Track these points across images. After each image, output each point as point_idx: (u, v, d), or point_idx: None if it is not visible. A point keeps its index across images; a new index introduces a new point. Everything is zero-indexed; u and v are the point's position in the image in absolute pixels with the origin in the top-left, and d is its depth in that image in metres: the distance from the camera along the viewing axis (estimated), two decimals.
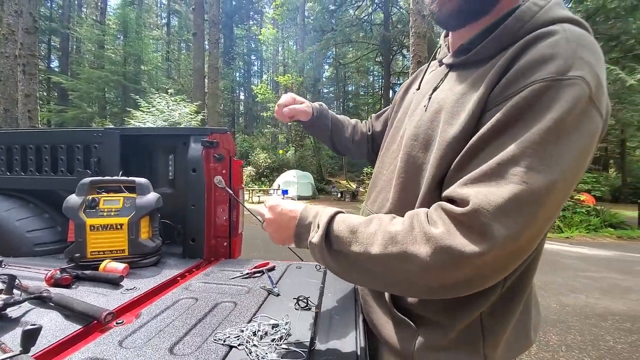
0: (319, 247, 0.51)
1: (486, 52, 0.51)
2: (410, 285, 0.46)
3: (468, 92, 0.50)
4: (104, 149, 1.30)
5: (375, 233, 0.47)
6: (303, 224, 0.56)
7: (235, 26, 33.77)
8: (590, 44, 0.44)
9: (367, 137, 1.03)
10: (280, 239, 0.60)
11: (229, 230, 1.33)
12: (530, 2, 0.48)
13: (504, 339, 0.53)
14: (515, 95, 0.42)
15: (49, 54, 23.37)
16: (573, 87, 0.39)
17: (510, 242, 0.38)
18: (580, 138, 0.40)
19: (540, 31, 0.44)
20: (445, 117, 0.52)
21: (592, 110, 0.41)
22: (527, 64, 0.42)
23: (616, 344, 2.60)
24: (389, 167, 0.67)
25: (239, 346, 0.59)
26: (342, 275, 0.53)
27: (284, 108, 0.91)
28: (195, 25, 15.48)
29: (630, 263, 5.36)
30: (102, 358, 0.55)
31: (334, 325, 0.69)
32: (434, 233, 0.42)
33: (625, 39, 8.86)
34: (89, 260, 1.03)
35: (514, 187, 0.38)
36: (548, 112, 0.39)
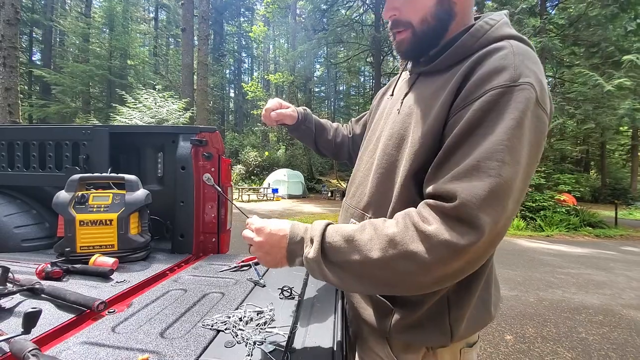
0: (316, 261, 0.51)
1: (447, 62, 0.59)
2: (411, 284, 0.48)
3: (434, 96, 0.58)
4: (93, 146, 1.32)
5: (372, 238, 0.49)
6: (294, 241, 0.55)
7: (226, 22, 33.38)
8: (533, 56, 0.52)
9: (348, 140, 1.11)
10: (272, 260, 0.58)
11: (217, 226, 1.37)
12: (482, 22, 0.57)
13: (467, 313, 0.60)
14: (477, 99, 0.49)
15: (31, 46, 22.57)
16: (524, 91, 0.47)
17: (494, 228, 0.44)
18: (533, 133, 0.48)
19: (492, 46, 0.53)
20: (416, 119, 0.59)
21: (539, 110, 0.49)
22: (485, 74, 0.50)
23: (588, 336, 2.75)
24: (366, 165, 0.73)
25: (226, 330, 0.63)
26: (343, 285, 0.52)
27: (271, 112, 0.98)
28: (185, 20, 15.25)
29: (605, 260, 5.62)
30: (96, 342, 0.59)
31: (315, 311, 0.74)
32: (429, 230, 0.45)
33: (605, 45, 9.21)
34: (79, 254, 1.06)
35: (493, 180, 0.44)
36: (508, 113, 0.46)
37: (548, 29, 9.78)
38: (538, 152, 0.50)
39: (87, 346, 0.58)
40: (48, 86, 19.86)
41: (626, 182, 19.14)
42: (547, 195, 9.21)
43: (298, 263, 0.55)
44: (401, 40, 0.64)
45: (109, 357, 0.55)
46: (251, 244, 0.59)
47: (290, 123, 1.02)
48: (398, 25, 0.63)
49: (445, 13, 0.60)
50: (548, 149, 11.86)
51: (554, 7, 11.14)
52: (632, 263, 5.49)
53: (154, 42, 29.42)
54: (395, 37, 0.65)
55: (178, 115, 11.74)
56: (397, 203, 0.59)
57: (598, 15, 8.59)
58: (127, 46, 22.54)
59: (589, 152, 21.68)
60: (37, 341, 0.59)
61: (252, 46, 35.16)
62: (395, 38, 0.65)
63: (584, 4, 8.84)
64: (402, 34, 0.63)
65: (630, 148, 19.59)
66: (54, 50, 22.82)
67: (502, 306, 3.31)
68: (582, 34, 9.61)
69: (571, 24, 9.60)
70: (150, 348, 0.58)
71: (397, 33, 0.64)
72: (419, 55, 0.66)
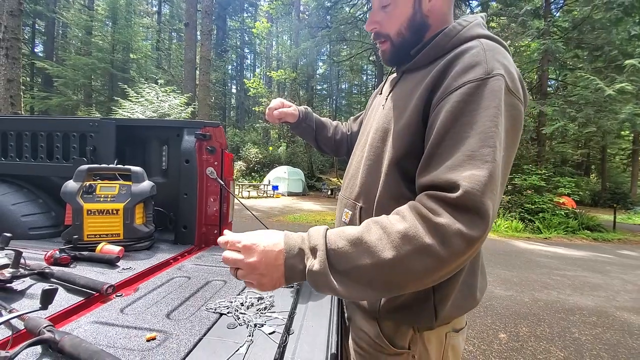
0: (323, 274, 0.46)
1: (424, 60, 0.65)
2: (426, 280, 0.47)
3: (412, 92, 0.62)
4: (100, 138, 1.35)
5: (381, 238, 0.47)
6: (292, 254, 0.49)
7: (229, 18, 33.29)
8: (502, 51, 0.57)
9: (347, 137, 1.15)
10: (269, 282, 0.50)
11: (219, 218, 1.40)
12: (455, 23, 0.63)
13: (452, 296, 0.63)
14: (455, 91, 0.53)
15: (33, 37, 22.53)
16: (497, 81, 0.51)
17: (494, 213, 0.46)
18: (508, 120, 0.52)
19: (465, 45, 0.58)
20: (397, 113, 0.64)
21: (512, 98, 0.53)
22: (461, 69, 0.54)
23: (581, 336, 2.79)
24: (357, 159, 0.78)
25: (228, 314, 0.67)
26: (351, 294, 0.48)
27: (274, 111, 1.03)
28: (188, 15, 15.22)
29: (601, 263, 5.67)
30: (106, 322, 0.63)
31: (312, 297, 0.78)
32: (441, 222, 0.44)
33: (608, 49, 9.21)
34: (86, 242, 1.09)
35: (490, 165, 0.46)
36: (488, 101, 0.50)
37: (552, 31, 9.77)
38: (515, 137, 0.54)
39: (97, 325, 0.62)
40: (50, 78, 19.85)
41: (626, 186, 19.16)
42: (547, 197, 9.24)
43: (298, 279, 0.49)
44: (383, 50, 0.71)
45: (118, 335, 0.59)
46: (239, 267, 0.50)
47: (292, 121, 1.08)
48: (379, 36, 0.70)
49: (418, 25, 0.66)
50: (549, 151, 11.89)
51: (559, 9, 11.13)
52: (628, 266, 5.53)
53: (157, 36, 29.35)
54: (379, 47, 0.73)
55: (180, 110, 11.75)
56: (383, 190, 0.63)
57: (602, 19, 8.58)
58: (130, 40, 22.49)
59: (590, 155, 21.70)
60: (50, 320, 0.62)
61: (255, 42, 35.11)
62: (380, 48, 0.72)
63: (588, 7, 8.83)
64: (383, 44, 0.71)
65: (631, 153, 19.60)
66: (57, 42, 22.79)
67: (497, 305, 3.35)
68: (586, 37, 9.60)
69: (575, 26, 9.59)
70: (158, 327, 0.61)
71: (380, 43, 0.71)
72: (400, 62, 0.72)
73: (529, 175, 9.42)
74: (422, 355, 0.66)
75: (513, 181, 9.62)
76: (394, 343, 0.66)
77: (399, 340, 0.66)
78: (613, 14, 8.21)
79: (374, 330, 0.68)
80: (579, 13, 9.65)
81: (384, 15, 0.67)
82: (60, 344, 0.49)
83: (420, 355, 0.66)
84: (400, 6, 0.65)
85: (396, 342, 0.66)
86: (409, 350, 0.66)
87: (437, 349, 0.67)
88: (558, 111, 8.91)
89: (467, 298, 0.66)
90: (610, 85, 7.84)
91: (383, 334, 0.67)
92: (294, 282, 0.51)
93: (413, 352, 0.66)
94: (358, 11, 18.25)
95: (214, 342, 0.58)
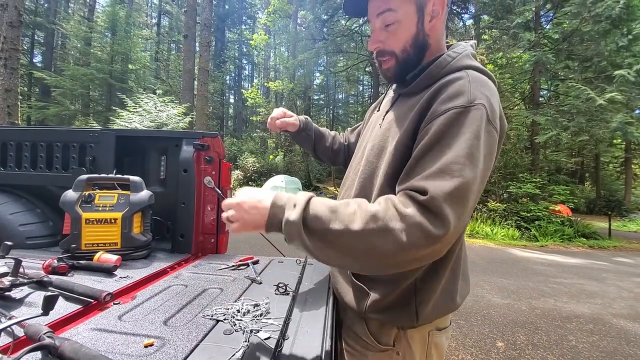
0: (296, 226, 0.53)
1: (419, 86, 0.71)
2: (384, 262, 0.53)
3: (406, 115, 0.69)
4: (99, 149, 1.37)
5: (355, 212, 0.54)
6: (277, 204, 0.57)
7: (228, 30, 33.78)
8: (486, 83, 0.63)
9: (344, 147, 1.20)
10: (251, 221, 0.58)
11: (216, 227, 1.42)
12: (446, 54, 0.69)
13: (432, 300, 0.68)
14: (440, 116, 0.59)
15: (32, 48, 22.68)
16: (478, 111, 0.58)
17: (457, 222, 0.52)
18: (484, 145, 0.58)
19: (452, 76, 0.64)
20: (392, 133, 0.70)
21: (490, 127, 0.59)
22: (447, 97, 0.61)
23: (578, 344, 2.79)
24: (354, 171, 0.83)
25: (225, 320, 0.68)
26: (318, 253, 0.55)
27: (276, 120, 1.08)
28: (187, 27, 15.45)
29: (597, 271, 5.69)
30: (104, 328, 0.64)
31: (308, 305, 0.80)
32: (407, 212, 0.52)
33: (597, 60, 9.45)
34: (83, 251, 1.10)
35: (456, 179, 0.53)
36: (466, 127, 0.56)
37: (542, 43, 10.04)
38: (490, 160, 0.60)
39: (96, 332, 0.63)
40: (48, 88, 19.90)
41: (620, 194, 19.33)
42: (542, 205, 9.31)
43: (276, 227, 0.56)
44: (387, 67, 0.76)
45: (117, 341, 0.60)
46: (230, 207, 0.60)
47: (292, 130, 1.12)
48: (383, 54, 0.75)
49: (421, 43, 0.71)
50: (543, 160, 12.04)
51: (549, 22, 11.45)
52: (624, 274, 5.56)
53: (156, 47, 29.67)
54: (381, 65, 0.77)
55: (177, 120, 11.81)
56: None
57: (591, 31, 8.83)
58: (129, 51, 22.67)
59: (584, 163, 21.95)
60: (49, 327, 0.63)
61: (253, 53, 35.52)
62: (382, 65, 0.77)
63: (577, 20, 9.11)
64: (387, 62, 0.75)
65: (624, 160, 19.87)
66: (56, 52, 22.95)
67: (494, 314, 3.35)
68: (576, 49, 9.86)
69: (565, 38, 9.86)
70: (155, 334, 0.63)
71: (383, 61, 0.76)
72: (401, 79, 0.77)
73: (524, 183, 9.51)
74: (406, 352, 0.71)
75: (508, 189, 9.70)
76: (379, 340, 0.71)
77: (384, 338, 0.71)
78: (601, 26, 8.46)
79: (362, 329, 0.73)
80: (568, 25, 9.93)
81: (387, 34, 0.72)
82: (60, 349, 0.51)
83: (404, 352, 0.70)
84: (405, 25, 0.69)
85: (382, 340, 0.71)
86: (393, 347, 0.71)
87: (421, 347, 0.72)
88: (550, 120, 9.07)
89: (447, 302, 0.71)
90: (601, 95, 8.02)
91: (370, 332, 0.72)
92: (272, 230, 0.57)
93: (397, 349, 0.70)
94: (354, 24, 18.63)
95: (211, 347, 0.59)
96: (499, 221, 9.24)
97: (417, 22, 0.69)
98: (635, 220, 14.63)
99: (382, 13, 0.70)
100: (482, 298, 3.78)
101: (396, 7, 0.68)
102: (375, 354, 0.72)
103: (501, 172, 10.78)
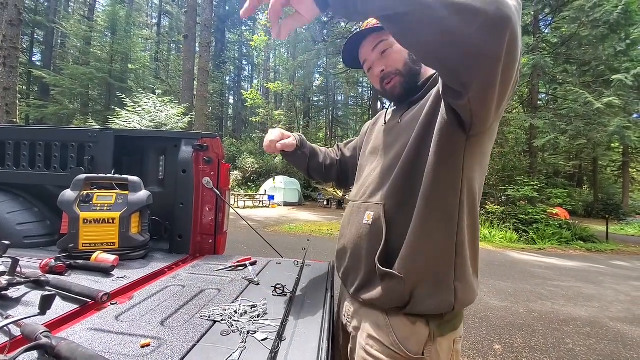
0: None
1: (425, 93, 0.79)
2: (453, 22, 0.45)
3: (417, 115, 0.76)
4: (98, 148, 1.37)
5: None
6: None
7: (228, 31, 33.84)
8: None
9: (337, 162, 1.18)
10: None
11: (214, 228, 1.42)
12: None
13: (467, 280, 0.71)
14: None
15: (32, 47, 22.68)
16: None
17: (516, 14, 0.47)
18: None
19: None
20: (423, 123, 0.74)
21: None
22: None
23: (575, 347, 2.80)
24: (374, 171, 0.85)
25: (222, 321, 0.68)
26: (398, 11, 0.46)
27: (276, 144, 1.02)
28: (187, 27, 15.48)
29: (595, 274, 5.70)
30: (101, 329, 0.64)
31: (305, 306, 0.80)
32: None
33: (595, 65, 9.52)
34: (81, 251, 1.10)
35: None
36: None
37: (541, 47, 10.09)
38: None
39: (93, 332, 0.63)
40: (47, 87, 19.88)
41: (618, 197, 19.42)
42: (540, 208, 9.34)
43: None
44: (393, 85, 0.82)
45: (113, 341, 0.60)
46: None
47: (290, 150, 1.07)
48: (389, 75, 0.82)
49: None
50: (541, 163, 12.07)
51: (547, 26, 11.52)
52: (621, 277, 5.57)
53: (156, 48, 29.68)
54: (386, 89, 0.84)
55: (177, 120, 11.80)
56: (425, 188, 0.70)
57: (589, 36, 8.89)
58: (129, 50, 22.69)
59: (581, 167, 22.04)
60: (46, 327, 0.63)
61: (253, 54, 35.60)
62: (387, 87, 0.83)
63: (576, 25, 9.17)
64: (393, 80, 0.82)
65: (622, 164, 19.97)
66: (55, 51, 22.92)
67: (491, 316, 3.35)
68: (574, 53, 9.92)
69: (563, 42, 9.92)
70: (152, 334, 0.63)
71: (387, 83, 0.83)
72: (409, 93, 0.83)
73: (522, 186, 9.54)
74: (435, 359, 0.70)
75: (507, 192, 9.73)
76: (408, 349, 0.69)
77: (413, 346, 0.70)
78: (599, 31, 8.51)
79: (388, 338, 0.71)
80: (567, 30, 9.99)
81: (386, 59, 0.81)
82: (57, 349, 0.51)
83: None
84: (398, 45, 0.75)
85: (411, 348, 0.69)
86: (422, 356, 0.69)
87: (447, 354, 0.72)
88: (549, 124, 9.12)
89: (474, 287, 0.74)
90: (599, 99, 8.06)
91: (398, 339, 0.70)
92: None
93: (427, 358, 0.69)
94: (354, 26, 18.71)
95: (208, 348, 0.59)
96: (497, 224, 9.26)
97: None
98: (633, 223, 14.69)
99: (376, 46, 0.80)
100: (479, 300, 3.78)
101: (386, 37, 0.78)
102: None
103: (499, 175, 10.81)
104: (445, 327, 0.71)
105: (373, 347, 0.73)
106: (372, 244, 0.75)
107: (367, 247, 0.76)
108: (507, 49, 0.48)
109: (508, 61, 0.50)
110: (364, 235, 0.78)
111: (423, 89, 0.79)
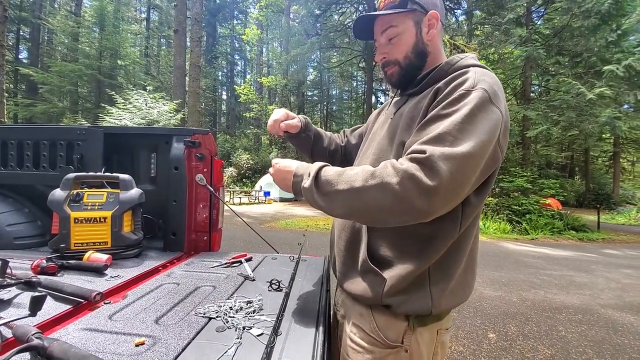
0: (310, 191, 0.67)
1: (428, 84, 0.78)
2: (383, 212, 0.60)
3: (416, 109, 0.76)
4: (87, 146, 1.35)
5: (357, 173, 0.63)
6: (297, 174, 0.72)
7: (219, 25, 33.30)
8: (490, 75, 0.70)
9: (341, 148, 1.18)
10: (284, 186, 0.76)
11: (209, 225, 1.41)
12: (454, 56, 0.78)
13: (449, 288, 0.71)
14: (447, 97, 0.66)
15: (18, 44, 22.05)
16: (478, 92, 0.64)
17: (450, 178, 0.56)
18: (485, 121, 0.62)
19: (460, 71, 0.72)
20: (403, 124, 0.77)
21: (492, 106, 0.64)
22: (454, 85, 0.68)
23: (567, 334, 2.86)
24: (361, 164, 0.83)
25: (217, 318, 0.68)
26: (329, 209, 0.66)
27: (280, 123, 1.02)
28: (177, 22, 15.18)
29: (586, 262, 5.82)
30: (95, 328, 0.63)
31: (301, 301, 0.80)
32: (403, 166, 0.58)
33: (587, 56, 9.57)
34: (73, 251, 1.09)
35: (447, 146, 0.59)
36: (465, 105, 0.63)
37: (534, 38, 10.11)
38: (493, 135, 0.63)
39: (86, 332, 0.62)
40: (35, 85, 19.42)
41: (609, 187, 19.72)
42: (533, 199, 9.46)
43: (298, 192, 0.71)
44: (391, 73, 0.85)
45: (107, 341, 0.59)
46: (273, 169, 0.78)
47: (294, 132, 1.07)
48: (388, 64, 0.84)
49: (421, 50, 0.81)
50: (534, 154, 12.20)
51: (540, 17, 11.54)
52: (612, 265, 5.70)
53: (146, 43, 29.10)
54: (386, 74, 0.86)
55: (169, 117, 11.64)
56: None
57: (581, 27, 8.91)
58: (118, 46, 22.20)
59: (573, 158, 22.33)
60: (38, 328, 0.62)
61: (245, 49, 35.14)
62: (387, 74, 0.86)
63: (568, 16, 9.19)
64: (391, 69, 0.84)
65: (612, 155, 20.25)
66: (42, 48, 22.34)
67: (486, 306, 3.41)
68: (566, 44, 9.96)
69: (556, 34, 9.95)
70: (146, 333, 0.62)
71: (388, 70, 0.85)
72: (406, 84, 0.85)
73: (515, 177, 9.64)
74: (414, 349, 0.71)
75: (500, 184, 9.83)
76: (387, 336, 0.71)
77: (392, 334, 0.71)
78: (591, 22, 8.54)
79: (369, 325, 0.73)
80: (559, 21, 10.02)
81: (390, 47, 0.82)
82: (49, 350, 0.50)
83: (412, 349, 0.70)
84: (405, 37, 0.80)
85: (389, 336, 0.71)
86: (402, 344, 0.70)
87: (429, 345, 0.72)
88: (541, 115, 9.19)
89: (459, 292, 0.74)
90: (591, 90, 8.13)
91: (378, 327, 0.71)
92: (297, 193, 0.72)
93: (406, 347, 0.70)
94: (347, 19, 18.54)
95: (203, 345, 0.59)
96: (490, 215, 9.37)
97: (416, 33, 0.79)
98: (623, 213, 14.97)
99: (385, 30, 0.82)
100: (474, 290, 3.82)
101: (397, 24, 0.80)
102: (383, 350, 0.71)
103: None
104: (427, 319, 0.72)
105: (356, 334, 0.75)
106: (353, 236, 0.78)
107: (349, 239, 0.79)
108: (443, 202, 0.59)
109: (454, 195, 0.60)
110: (346, 227, 0.81)
111: (421, 83, 0.80)
